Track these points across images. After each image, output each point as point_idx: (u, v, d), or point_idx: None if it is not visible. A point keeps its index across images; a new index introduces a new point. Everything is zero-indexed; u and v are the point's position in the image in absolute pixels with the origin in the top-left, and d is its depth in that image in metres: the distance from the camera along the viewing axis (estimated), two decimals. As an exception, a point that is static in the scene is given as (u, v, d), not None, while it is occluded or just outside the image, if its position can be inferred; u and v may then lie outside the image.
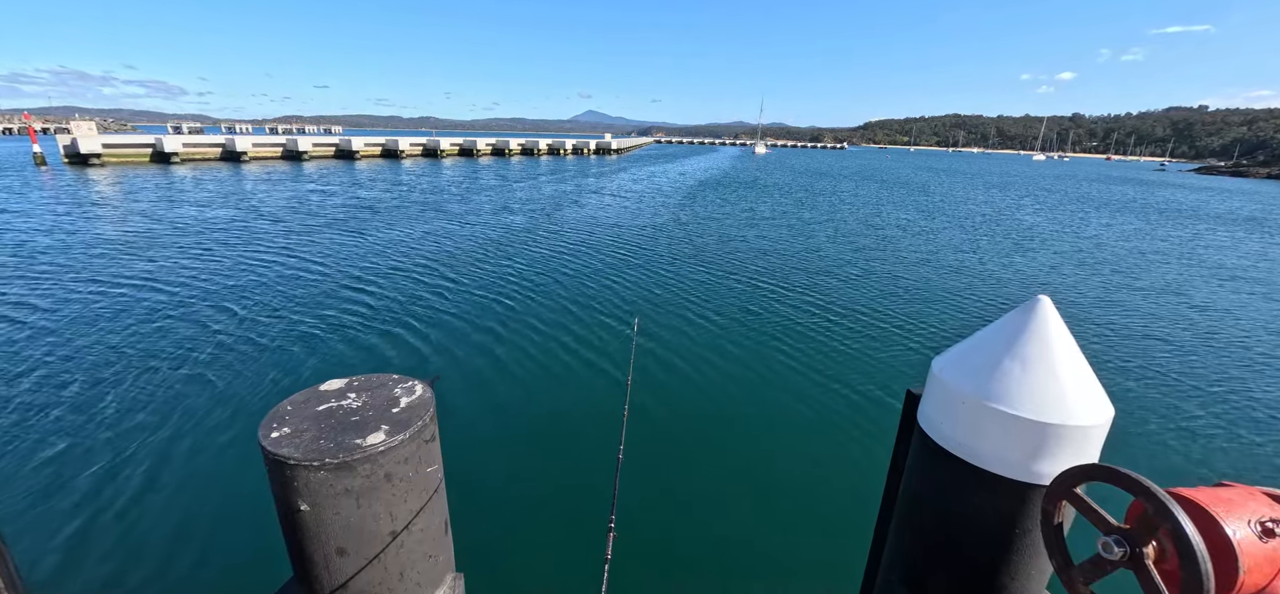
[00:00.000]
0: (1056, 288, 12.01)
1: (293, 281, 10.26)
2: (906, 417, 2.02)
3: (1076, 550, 1.28)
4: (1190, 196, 41.55)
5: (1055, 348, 1.50)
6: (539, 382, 6.69)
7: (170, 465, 4.83)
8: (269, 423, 1.74)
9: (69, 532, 4.06)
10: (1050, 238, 18.81)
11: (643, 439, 5.42)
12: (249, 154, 42.01)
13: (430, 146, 58.54)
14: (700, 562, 4.04)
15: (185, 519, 4.24)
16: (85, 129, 35.51)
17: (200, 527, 4.18)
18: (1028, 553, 1.59)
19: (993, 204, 29.47)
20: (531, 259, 12.79)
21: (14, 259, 11.23)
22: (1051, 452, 1.45)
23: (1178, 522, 0.98)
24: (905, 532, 1.95)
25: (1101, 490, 1.14)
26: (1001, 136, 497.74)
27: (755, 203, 25.66)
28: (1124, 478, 1.06)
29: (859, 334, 8.54)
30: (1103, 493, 1.14)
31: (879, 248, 15.75)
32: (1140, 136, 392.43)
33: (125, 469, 4.75)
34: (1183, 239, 19.88)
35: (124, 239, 13.38)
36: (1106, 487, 1.11)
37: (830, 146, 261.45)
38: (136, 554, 3.91)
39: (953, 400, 1.62)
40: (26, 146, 48.84)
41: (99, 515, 4.23)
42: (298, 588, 1.90)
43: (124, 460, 4.86)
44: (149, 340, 7.38)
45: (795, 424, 5.93)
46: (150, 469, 4.77)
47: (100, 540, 4.01)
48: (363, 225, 16.34)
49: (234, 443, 5.21)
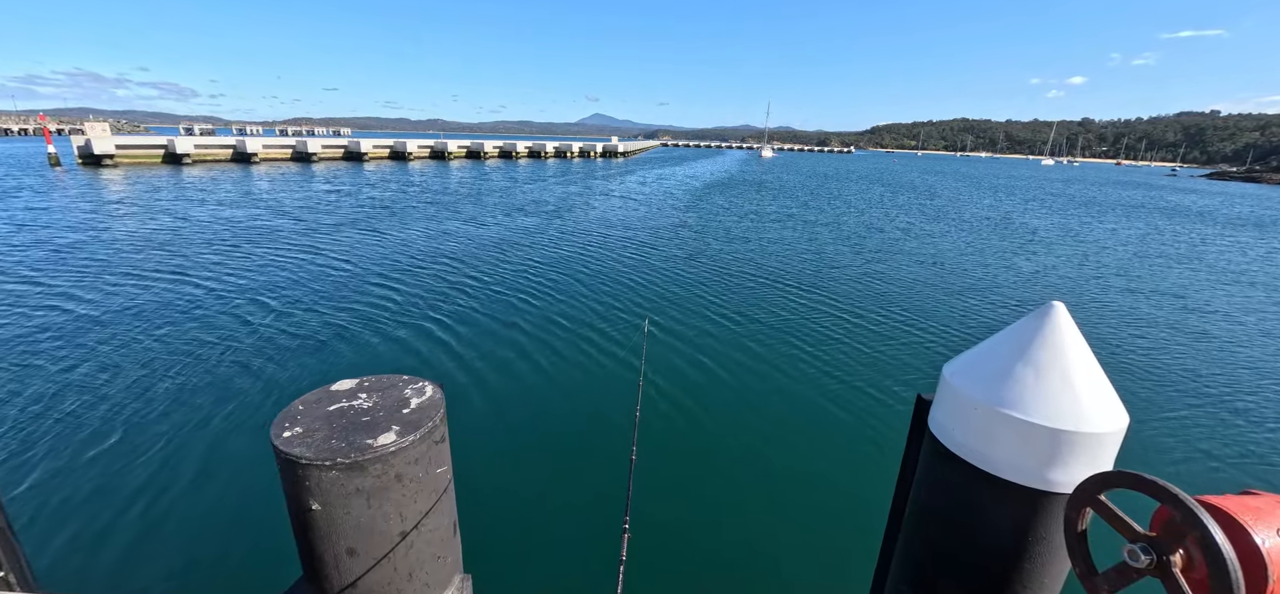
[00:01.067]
0: (1070, 293, 11.91)
1: (302, 281, 10.33)
2: (917, 422, 2.01)
3: (1093, 558, 1.27)
4: (1202, 201, 41.14)
5: (1069, 354, 1.49)
6: (548, 383, 6.70)
7: (182, 462, 4.87)
8: (281, 422, 1.76)
9: (78, 524, 4.10)
10: (1060, 242, 18.67)
11: (653, 441, 5.42)
12: (259, 155, 42.40)
13: (438, 149, 58.87)
14: (711, 565, 4.03)
15: (195, 516, 4.27)
16: (99, 130, 35.97)
17: (210, 524, 4.20)
18: (1040, 561, 1.57)
19: (1000, 208, 29.29)
20: (539, 260, 12.82)
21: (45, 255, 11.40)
22: (1065, 459, 1.44)
23: (1207, 530, 0.96)
24: (915, 538, 1.93)
25: (1125, 498, 1.13)
26: (1010, 141, 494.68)
27: (762, 203, 25.63)
28: (1151, 485, 1.05)
29: (868, 337, 8.50)
30: (1126, 500, 1.13)
31: (887, 251, 15.68)
32: (1151, 141, 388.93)
33: (136, 465, 4.79)
34: (1197, 243, 19.67)
35: (142, 237, 13.53)
36: (1130, 493, 1.10)
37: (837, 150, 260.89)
38: (145, 551, 3.94)
39: (964, 406, 1.61)
40: (42, 147, 49.51)
41: (109, 509, 4.27)
42: (307, 587, 1.91)
43: (135, 456, 4.90)
44: (165, 337, 7.45)
45: (804, 427, 5.90)
46: (161, 465, 4.80)
47: (109, 534, 4.04)
48: (373, 226, 16.44)
49: (245, 441, 5.24)
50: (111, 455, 4.93)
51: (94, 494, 4.44)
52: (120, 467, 4.79)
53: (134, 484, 4.58)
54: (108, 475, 4.67)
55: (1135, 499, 1.08)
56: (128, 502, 4.38)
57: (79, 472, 4.69)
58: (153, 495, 4.47)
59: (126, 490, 4.51)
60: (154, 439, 5.19)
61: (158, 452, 5.01)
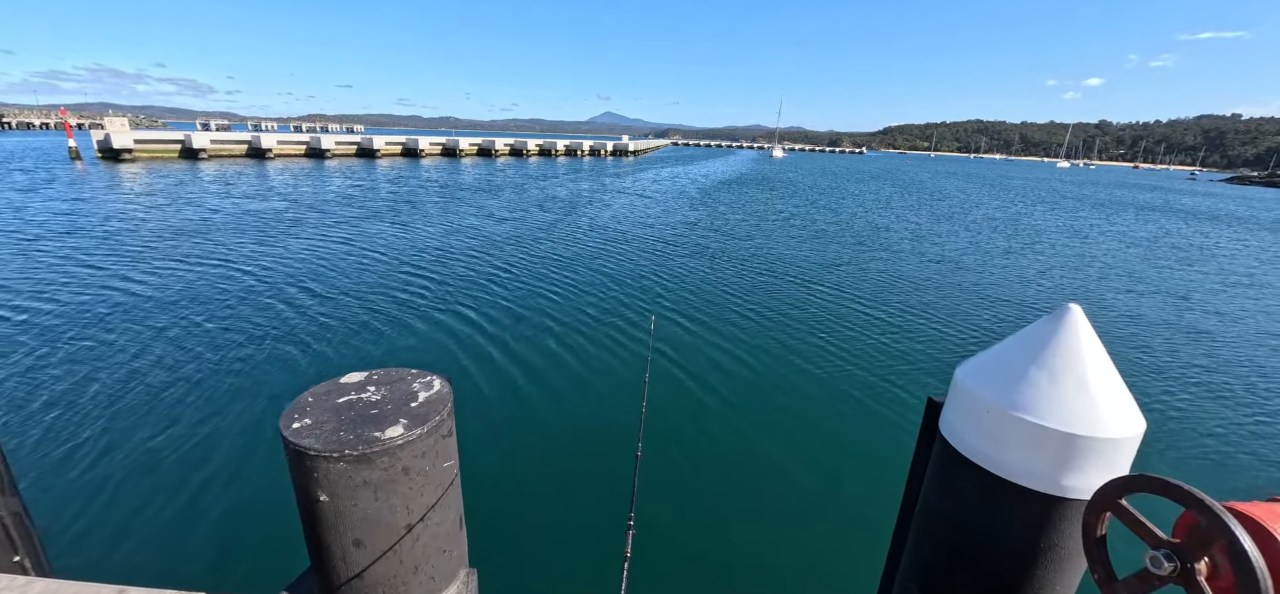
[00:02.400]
0: (1084, 293, 11.73)
1: (311, 275, 10.43)
2: (927, 424, 1.99)
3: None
4: (1223, 205, 40.38)
5: (1085, 357, 1.46)
6: (555, 377, 6.72)
7: (193, 452, 4.93)
8: (290, 413, 1.77)
9: (90, 512, 4.17)
10: (1073, 243, 18.40)
11: (658, 437, 5.42)
12: (274, 151, 42.90)
13: (449, 146, 59.21)
14: (714, 563, 4.01)
15: (206, 505, 4.32)
16: (118, 125, 36.56)
17: (221, 514, 4.25)
18: (1053, 567, 1.55)
19: (1010, 209, 28.93)
20: (547, 256, 12.86)
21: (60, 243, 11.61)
22: (1079, 464, 1.42)
23: (1235, 537, 0.94)
24: (923, 541, 1.91)
25: (1144, 504, 1.10)
26: (1025, 143, 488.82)
27: (771, 201, 25.49)
28: (1177, 490, 1.03)
29: (877, 338, 8.43)
30: (1145, 506, 1.10)
31: (896, 250, 15.54)
32: (1170, 145, 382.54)
33: (146, 454, 4.86)
34: (1216, 247, 19.30)
35: (172, 227, 13.75)
36: (1150, 499, 1.07)
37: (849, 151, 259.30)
38: (155, 540, 3.99)
39: (977, 409, 1.58)
40: (63, 141, 50.43)
41: (121, 497, 4.33)
42: (314, 578, 1.92)
43: (145, 445, 4.97)
44: (171, 331, 7.56)
45: (810, 426, 5.87)
46: (172, 455, 4.87)
47: (120, 522, 4.10)
48: (386, 222, 16.57)
49: (258, 432, 5.30)
50: (121, 441, 5.01)
51: (105, 482, 4.51)
52: (130, 455, 4.86)
53: (144, 473, 4.65)
54: (118, 464, 4.74)
55: (1154, 506, 1.06)
56: (139, 490, 4.45)
57: (89, 458, 4.77)
58: (164, 485, 4.53)
59: (137, 479, 4.57)
60: (166, 429, 5.26)
61: (169, 441, 5.08)
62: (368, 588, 1.82)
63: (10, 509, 1.82)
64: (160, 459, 4.83)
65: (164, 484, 4.53)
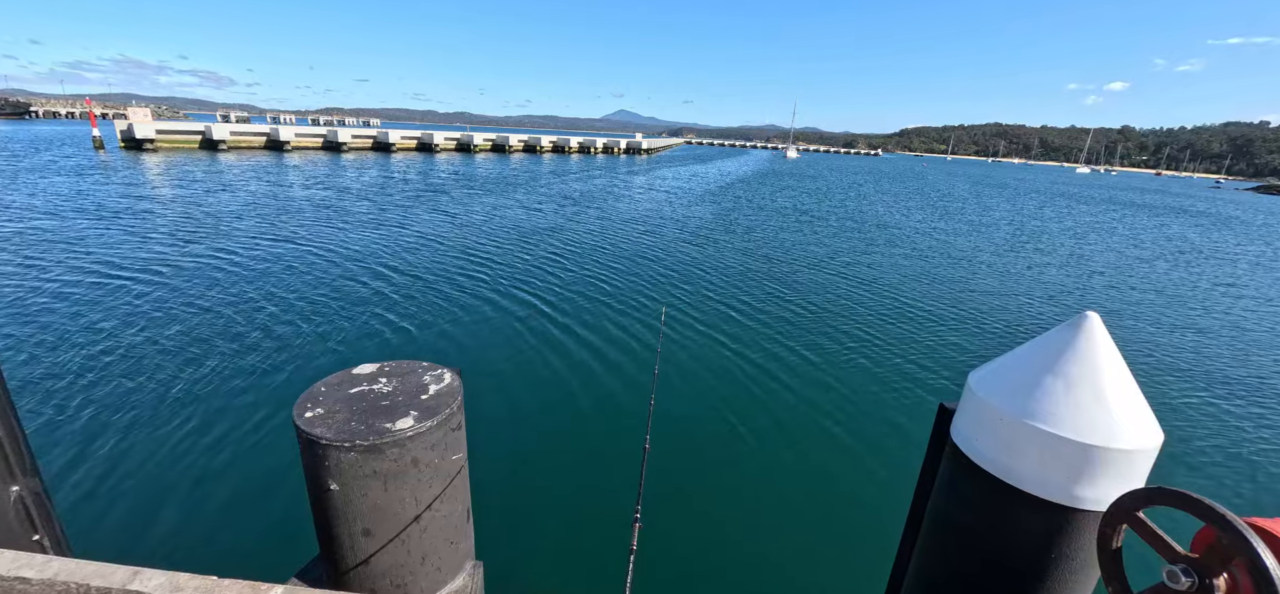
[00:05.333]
0: (1101, 300, 11.52)
1: (330, 264, 10.56)
2: (938, 431, 1.96)
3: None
4: (1249, 216, 39.43)
5: (1102, 366, 1.44)
6: (565, 371, 6.74)
7: (208, 436, 5.02)
8: (303, 403, 1.79)
9: (106, 494, 4.26)
10: (1090, 250, 18.07)
11: (666, 434, 5.42)
12: (292, 144, 43.49)
13: (464, 142, 59.61)
14: (721, 560, 4.00)
15: (219, 490, 4.39)
16: (141, 115, 37.25)
17: (233, 499, 4.32)
18: (1065, 579, 1.52)
19: (1030, 215, 28.48)
20: (559, 251, 12.89)
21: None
22: (1094, 475, 1.39)
23: (1258, 554, 0.92)
24: (933, 549, 1.89)
25: (1163, 516, 1.08)
26: (1045, 147, 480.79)
27: (784, 201, 25.35)
28: (1198, 504, 1.01)
29: (888, 341, 8.35)
30: (1164, 519, 1.08)
31: (908, 253, 15.37)
32: (1195, 152, 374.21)
33: (163, 439, 4.95)
34: (1241, 258, 18.85)
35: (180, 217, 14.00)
36: (1166, 512, 1.05)
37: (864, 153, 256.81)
38: (169, 522, 4.07)
39: (990, 417, 1.56)
40: (86, 130, 51.49)
41: (137, 481, 4.42)
42: (323, 565, 1.95)
43: (163, 431, 5.07)
44: (198, 313, 7.70)
45: (819, 427, 5.82)
46: (188, 438, 4.96)
47: (137, 505, 4.18)
48: (396, 215, 16.72)
49: (269, 420, 5.38)
50: (137, 427, 5.11)
51: (122, 465, 4.60)
52: (148, 441, 4.95)
53: (161, 458, 4.74)
54: (136, 448, 4.83)
55: (1172, 520, 1.04)
56: (155, 475, 4.53)
57: (109, 444, 4.87)
58: (179, 470, 4.61)
59: (154, 464, 4.66)
60: (182, 415, 5.35)
61: (186, 428, 5.17)
62: (375, 576, 1.85)
63: (31, 489, 1.87)
64: (176, 445, 4.92)
65: (179, 470, 4.62)
